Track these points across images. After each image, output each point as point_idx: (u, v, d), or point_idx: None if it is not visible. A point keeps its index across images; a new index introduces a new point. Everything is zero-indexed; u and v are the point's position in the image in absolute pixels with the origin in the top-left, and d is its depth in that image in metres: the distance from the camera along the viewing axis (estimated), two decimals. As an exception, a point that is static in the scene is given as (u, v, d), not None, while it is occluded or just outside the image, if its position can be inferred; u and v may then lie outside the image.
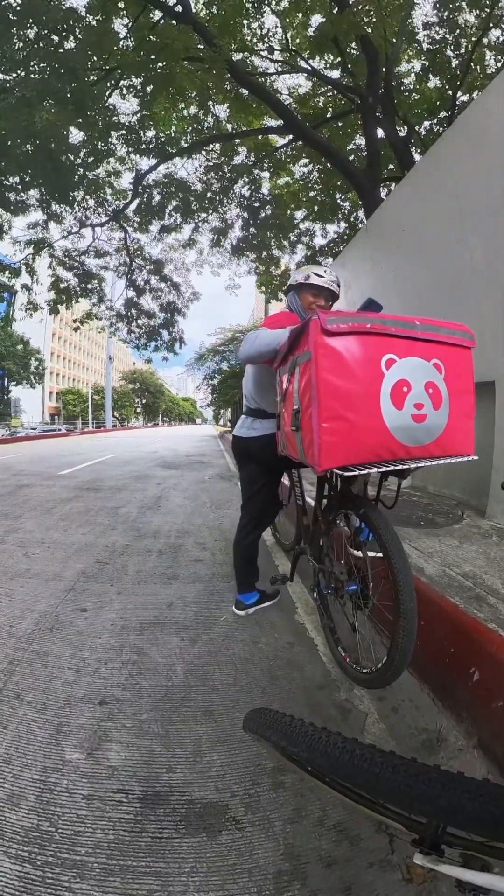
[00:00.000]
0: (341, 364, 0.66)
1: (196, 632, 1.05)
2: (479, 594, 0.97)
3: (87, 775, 0.64)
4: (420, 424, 0.70)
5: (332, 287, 1.01)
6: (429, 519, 1.65)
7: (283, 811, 0.57)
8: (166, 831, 0.55)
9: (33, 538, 1.91)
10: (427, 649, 0.84)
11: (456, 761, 0.66)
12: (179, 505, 2.68)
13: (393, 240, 2.43)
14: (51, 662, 0.93)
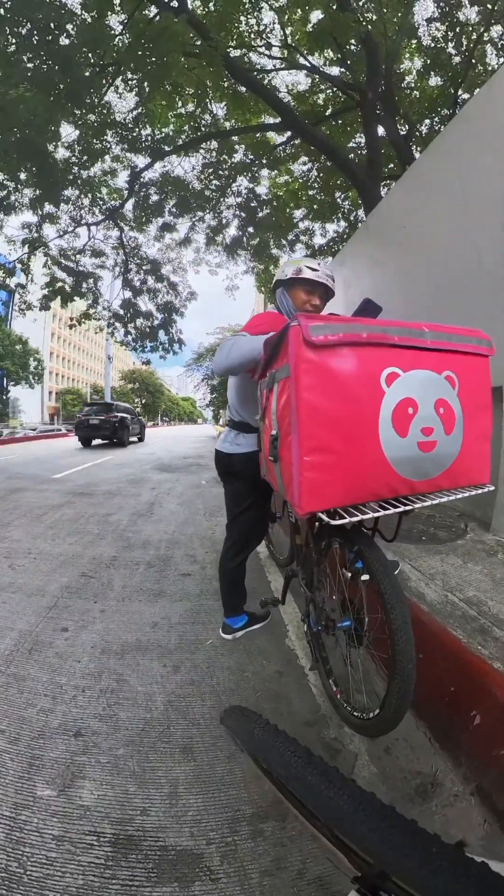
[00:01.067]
0: (329, 382, 0.53)
1: (179, 657, 1.00)
2: (483, 626, 0.88)
3: (58, 814, 0.60)
4: (428, 454, 0.58)
5: (327, 282, 0.88)
6: (430, 533, 1.56)
7: (261, 862, 0.53)
8: (137, 879, 0.51)
9: (20, 548, 1.86)
10: (426, 686, 0.77)
11: (451, 809, 0.61)
12: (172, 512, 2.63)
13: (394, 237, 2.35)
14: (27, 688, 0.89)
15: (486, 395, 0.67)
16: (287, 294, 0.90)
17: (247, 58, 5.81)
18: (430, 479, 0.61)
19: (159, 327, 6.71)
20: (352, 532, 0.72)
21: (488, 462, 0.68)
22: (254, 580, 1.45)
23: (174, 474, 4.39)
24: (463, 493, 0.66)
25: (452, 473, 0.62)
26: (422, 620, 0.88)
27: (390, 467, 0.56)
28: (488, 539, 1.50)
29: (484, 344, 0.67)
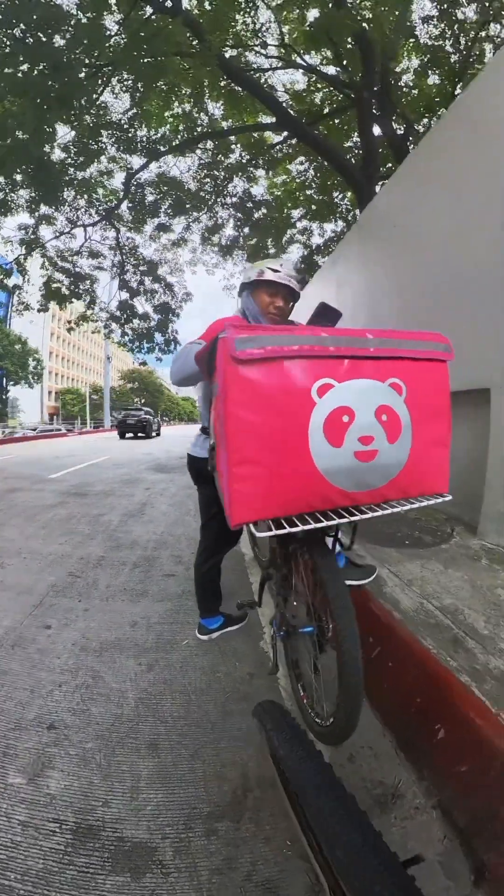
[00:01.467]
0: (256, 396, 0.52)
1: (155, 656, 1.03)
2: (456, 636, 0.87)
3: (25, 801, 0.63)
4: (368, 464, 0.55)
5: (289, 283, 0.86)
6: (415, 537, 1.54)
7: (212, 860, 0.56)
8: (93, 867, 0.54)
9: (12, 547, 1.90)
10: (395, 694, 0.79)
11: (411, 822, 0.61)
12: (164, 513, 2.67)
13: (385, 237, 2.35)
14: (7, 682, 0.92)
15: (443, 401, 0.64)
16: (251, 297, 0.90)
17: (243, 57, 5.80)
18: (373, 490, 0.58)
19: (156, 328, 6.74)
20: (307, 539, 0.73)
21: (446, 470, 0.65)
22: (235, 582, 1.48)
23: (169, 475, 4.43)
24: (419, 503, 0.63)
25: (401, 483, 0.60)
26: (393, 628, 0.88)
27: (323, 478, 0.55)
28: (473, 544, 1.46)
29: (440, 348, 0.63)
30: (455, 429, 2.03)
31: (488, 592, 1.07)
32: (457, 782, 0.61)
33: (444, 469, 0.65)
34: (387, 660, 0.86)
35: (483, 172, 1.51)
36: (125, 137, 5.40)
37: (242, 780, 0.68)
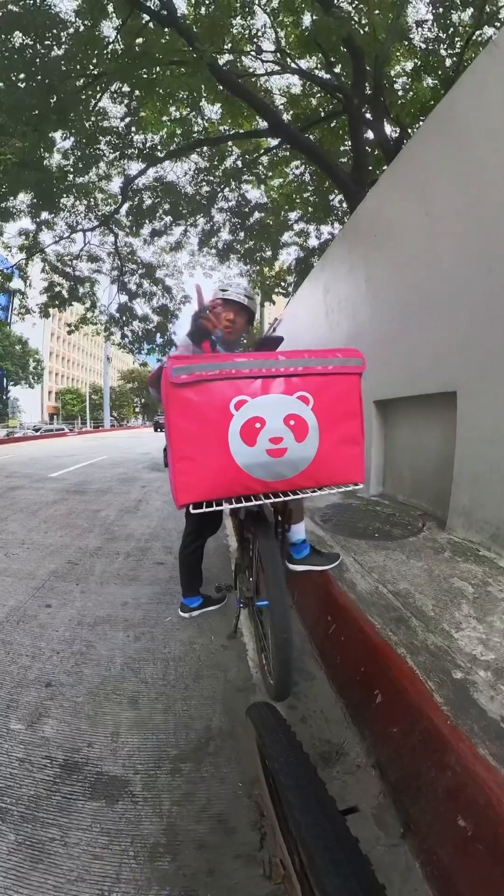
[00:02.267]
0: (189, 410, 0.69)
1: (141, 630, 1.17)
2: (402, 616, 0.95)
3: (24, 742, 0.76)
4: (279, 459, 0.71)
5: (238, 299, 1.00)
6: (385, 531, 1.63)
7: (174, 794, 0.67)
8: (75, 794, 0.67)
9: (15, 539, 2.04)
10: (345, 665, 0.90)
11: (351, 777, 0.70)
12: (157, 508, 2.80)
13: (366, 245, 2.44)
14: (13, 650, 1.06)
15: (354, 407, 0.78)
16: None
17: (239, 62, 5.88)
18: (286, 480, 0.73)
19: (156, 330, 6.87)
20: (254, 522, 0.88)
21: (359, 463, 0.79)
22: (220, 569, 1.62)
23: (164, 473, 4.51)
24: (335, 489, 0.78)
25: (311, 474, 0.74)
26: (347, 608, 0.99)
27: (242, 471, 0.71)
28: (441, 538, 1.50)
29: (353, 363, 0.77)
30: (426, 430, 2.17)
31: (443, 581, 1.12)
32: (390, 743, 0.69)
33: (356, 461, 0.78)
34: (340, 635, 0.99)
35: (451, 183, 1.58)
36: (123, 143, 5.52)
37: (206, 732, 0.80)
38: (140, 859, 0.57)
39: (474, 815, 0.52)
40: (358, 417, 0.79)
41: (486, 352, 1.39)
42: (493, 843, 0.49)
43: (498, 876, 0.47)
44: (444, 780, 0.58)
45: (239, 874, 0.55)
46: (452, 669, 0.76)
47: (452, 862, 0.53)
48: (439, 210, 1.66)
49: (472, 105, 1.43)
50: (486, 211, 1.35)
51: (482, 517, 1.41)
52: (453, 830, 0.54)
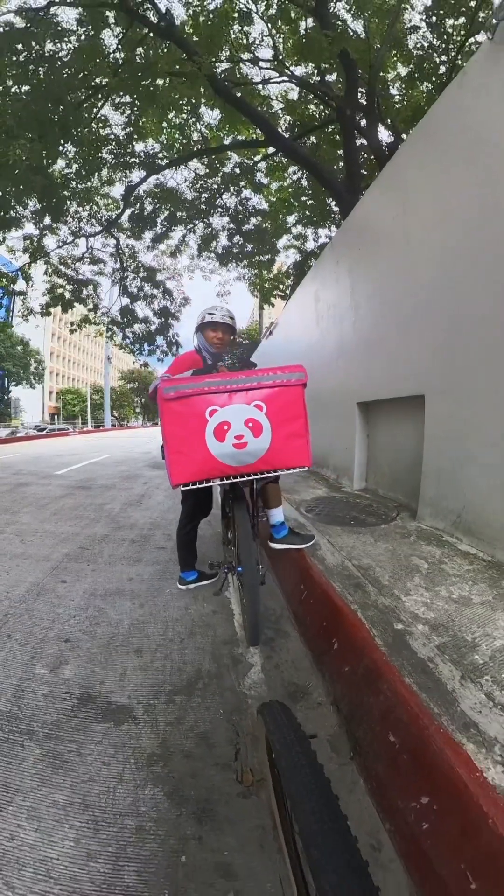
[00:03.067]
0: (177, 418, 0.97)
1: (145, 599, 1.37)
2: (360, 583, 1.11)
3: (48, 683, 0.96)
4: (242, 450, 0.97)
5: (224, 320, 1.28)
6: (360, 519, 1.77)
7: (167, 717, 0.85)
8: (90, 717, 0.86)
9: (29, 529, 2.24)
10: (311, 622, 1.08)
11: (313, 712, 0.85)
12: (159, 502, 3.00)
13: (352, 257, 2.57)
14: (35, 615, 1.26)
15: (298, 410, 1.03)
16: (201, 334, 1.31)
17: (238, 70, 6.03)
18: (249, 465, 1.00)
19: (157, 332, 7.05)
20: (234, 502, 1.12)
21: (305, 451, 1.05)
22: (214, 550, 1.81)
23: (165, 470, 4.76)
24: (284, 472, 1.05)
25: (268, 460, 1.01)
26: (315, 577, 1.18)
27: (216, 460, 0.98)
28: (410, 525, 1.65)
29: (295, 377, 1.02)
30: (402, 430, 2.40)
31: (403, 559, 1.28)
32: (342, 681, 0.85)
33: (302, 450, 1.03)
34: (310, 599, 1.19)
35: (425, 203, 1.71)
36: (124, 152, 5.69)
37: (196, 673, 1.00)
38: (139, 765, 0.73)
39: (400, 732, 0.66)
40: (302, 417, 1.03)
41: (449, 361, 1.58)
42: (413, 753, 0.63)
43: (419, 780, 0.59)
44: (379, 705, 0.74)
45: (216, 778, 0.71)
46: (395, 623, 0.94)
47: (385, 773, 0.66)
48: (415, 228, 1.81)
49: (448, 127, 1.51)
50: (452, 233, 1.52)
51: (446, 506, 1.58)
52: (386, 746, 0.67)
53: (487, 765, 0.56)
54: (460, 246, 1.47)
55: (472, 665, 0.78)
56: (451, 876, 0.50)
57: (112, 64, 4.96)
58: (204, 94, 5.33)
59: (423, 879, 0.54)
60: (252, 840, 0.60)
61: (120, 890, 0.54)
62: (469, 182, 1.40)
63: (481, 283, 1.35)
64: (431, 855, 0.53)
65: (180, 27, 5.18)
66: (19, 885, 0.54)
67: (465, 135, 1.40)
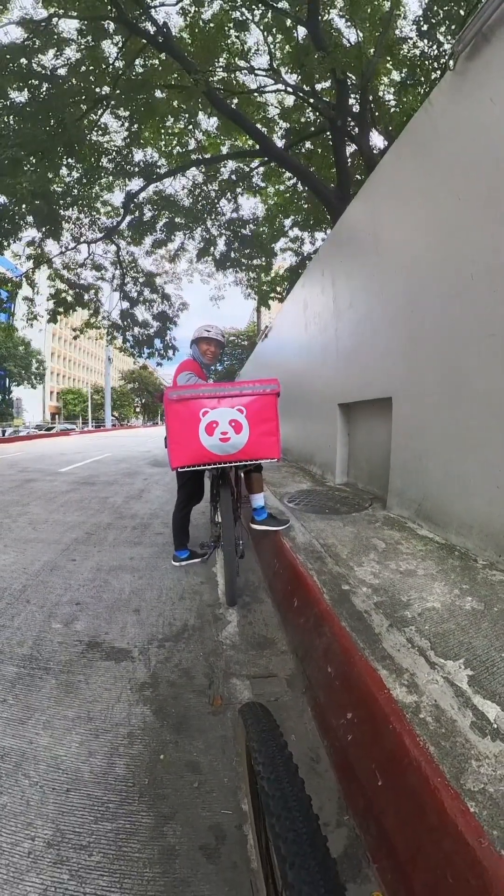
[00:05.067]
0: (177, 416, 1.25)
1: (143, 573, 1.61)
2: (321, 555, 1.31)
3: (62, 634, 1.19)
4: (226, 443, 1.26)
5: (217, 337, 1.57)
6: (335, 508, 1.99)
7: (158, 657, 1.08)
8: (96, 659, 1.08)
9: (39, 518, 2.48)
10: (280, 587, 1.30)
11: (276, 658, 1.04)
12: (158, 496, 3.24)
13: (334, 268, 2.75)
14: (49, 586, 1.49)
15: (272, 414, 1.30)
16: (196, 346, 1.58)
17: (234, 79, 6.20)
18: (231, 454, 1.28)
19: (155, 335, 7.27)
20: (220, 485, 1.36)
21: (275, 446, 1.32)
22: (203, 534, 2.04)
23: (164, 468, 4.99)
24: (258, 461, 1.33)
25: (246, 452, 1.29)
26: (285, 553, 1.39)
27: (206, 450, 1.27)
28: (379, 514, 1.82)
29: (270, 388, 1.30)
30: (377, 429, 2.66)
31: (365, 540, 1.46)
32: (299, 631, 1.05)
33: (273, 446, 1.29)
34: (279, 569, 1.41)
35: (392, 224, 1.88)
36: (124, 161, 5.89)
37: (183, 626, 1.22)
38: (133, 690, 0.94)
39: (335, 663, 0.83)
40: (274, 420, 1.30)
41: (409, 367, 1.79)
42: (343, 679, 0.77)
43: (345, 700, 0.73)
44: (322, 645, 0.94)
45: (193, 701, 0.91)
46: (343, 585, 1.15)
47: (325, 698, 0.81)
48: (385, 243, 2.00)
49: (415, 151, 1.63)
50: (416, 250, 1.69)
51: (409, 496, 1.79)
52: (325, 676, 0.84)
53: (395, 686, 0.71)
54: (420, 263, 1.66)
55: (401, 618, 0.95)
56: (365, 776, 0.60)
57: (112, 74, 5.13)
58: (201, 104, 5.52)
59: (347, 782, 0.65)
60: (216, 746, 0.78)
61: (112, 778, 0.70)
62: (430, 201, 1.58)
63: (436, 298, 1.55)
64: (353, 760, 0.65)
65: (178, 35, 5.33)
66: (34, 775, 0.70)
67: (430, 159, 1.57)
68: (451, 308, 1.45)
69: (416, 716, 0.64)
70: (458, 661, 0.80)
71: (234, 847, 0.60)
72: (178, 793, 0.69)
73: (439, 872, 0.46)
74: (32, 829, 0.62)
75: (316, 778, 0.71)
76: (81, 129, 4.83)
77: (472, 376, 1.35)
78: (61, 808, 0.66)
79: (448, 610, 0.99)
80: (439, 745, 0.59)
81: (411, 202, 1.74)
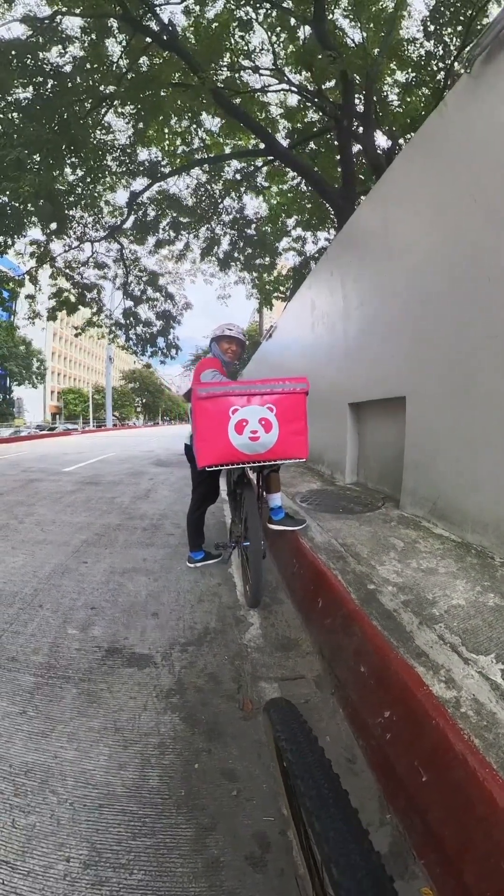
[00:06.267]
0: (206, 413, 1.21)
1: (158, 575, 1.58)
2: (342, 554, 1.31)
3: (78, 639, 1.16)
4: (255, 442, 1.22)
5: (239, 336, 1.55)
6: (349, 508, 1.99)
7: (182, 662, 1.05)
8: (118, 665, 1.04)
9: (46, 519, 2.45)
10: (302, 588, 1.28)
11: (301, 660, 1.04)
12: (165, 496, 3.21)
13: (343, 268, 2.74)
14: (62, 589, 1.47)
15: (300, 413, 1.27)
16: (217, 344, 1.56)
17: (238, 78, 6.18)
18: (259, 454, 1.25)
19: (158, 334, 7.24)
20: (243, 485, 1.35)
21: (304, 446, 1.28)
22: (217, 535, 2.02)
23: (169, 468, 4.97)
24: (287, 461, 1.28)
25: (274, 451, 1.26)
26: (305, 552, 1.38)
27: (235, 448, 1.22)
28: (393, 513, 1.82)
29: (300, 386, 1.27)
30: (388, 428, 2.65)
31: (382, 539, 1.46)
32: (325, 632, 1.04)
33: (301, 445, 1.27)
34: (300, 570, 1.39)
35: (405, 220, 1.87)
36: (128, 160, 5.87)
37: (205, 630, 1.20)
38: (159, 697, 0.92)
39: (368, 663, 0.83)
40: (303, 419, 1.27)
41: (422, 366, 1.78)
42: (378, 678, 0.77)
43: (382, 699, 0.72)
44: (353, 645, 0.94)
45: (223, 706, 0.89)
46: (368, 584, 1.14)
47: (358, 698, 0.81)
48: (396, 243, 1.99)
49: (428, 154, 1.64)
50: (426, 250, 1.70)
51: (423, 495, 1.78)
52: (358, 676, 0.84)
53: (433, 682, 0.71)
54: (433, 264, 1.66)
55: (429, 615, 0.96)
56: (406, 773, 0.60)
57: (116, 72, 5.11)
58: (205, 103, 5.50)
59: (387, 780, 0.65)
60: (251, 751, 0.76)
61: (146, 791, 0.68)
62: (441, 204, 1.58)
63: (448, 299, 1.54)
64: (392, 758, 0.64)
65: (182, 34, 5.31)
66: (62, 791, 0.67)
67: (444, 161, 1.57)
68: (464, 309, 1.45)
69: (457, 710, 0.64)
70: (490, 655, 0.80)
71: (279, 854, 0.59)
72: (216, 802, 0.67)
73: (492, 862, 0.45)
74: (66, 849, 0.59)
75: (353, 778, 0.70)
76: (86, 127, 4.81)
77: (484, 376, 1.35)
78: (95, 825, 0.63)
79: (473, 606, 0.99)
80: (483, 737, 0.59)
81: (423, 203, 1.73)
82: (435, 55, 5.96)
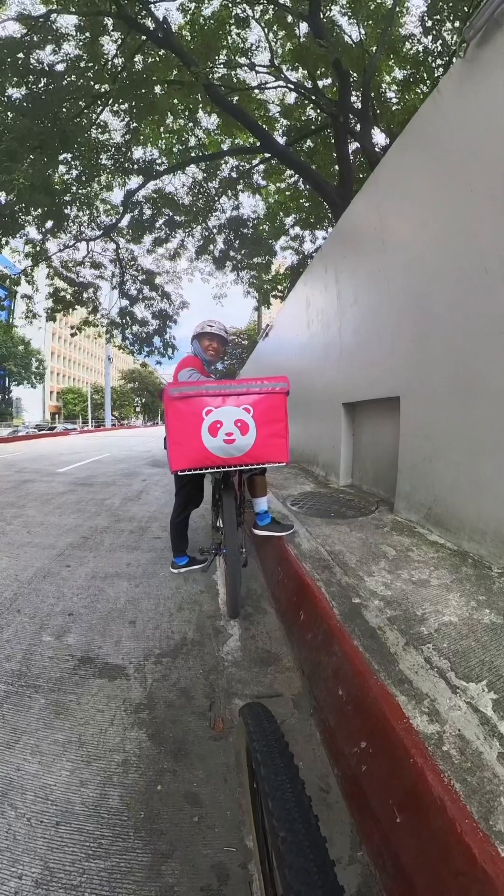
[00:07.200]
0: (178, 414, 1.15)
1: (140, 580, 1.53)
2: (329, 564, 1.23)
3: (53, 647, 1.11)
4: (230, 445, 1.16)
5: (220, 333, 1.47)
6: (341, 512, 1.87)
7: (154, 675, 1.00)
8: (89, 674, 1.00)
9: (34, 521, 2.41)
10: (285, 598, 1.22)
11: (281, 675, 0.97)
12: (157, 498, 3.16)
13: (338, 266, 2.69)
14: (42, 594, 1.42)
15: (280, 414, 1.21)
16: (198, 342, 1.49)
17: (234, 76, 6.13)
18: (236, 458, 1.19)
19: (155, 333, 7.20)
20: (223, 489, 1.27)
21: (284, 449, 1.23)
22: (203, 539, 1.97)
23: (163, 469, 4.91)
24: (266, 465, 1.23)
25: (252, 455, 1.20)
26: (290, 560, 1.32)
27: (209, 452, 1.17)
28: (386, 518, 1.74)
29: (279, 386, 1.20)
30: (383, 429, 2.57)
31: (373, 546, 1.38)
32: (306, 647, 0.97)
33: (281, 448, 1.20)
34: (285, 579, 1.33)
35: (399, 218, 1.82)
36: (123, 158, 5.82)
37: (182, 640, 1.15)
38: (128, 711, 0.87)
39: (346, 686, 0.76)
40: (283, 421, 1.21)
41: (419, 366, 1.72)
42: (356, 704, 0.72)
43: (359, 728, 0.67)
44: (332, 664, 0.87)
45: (192, 724, 0.83)
46: (353, 598, 1.07)
47: (335, 722, 0.75)
48: (391, 241, 1.94)
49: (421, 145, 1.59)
50: (420, 249, 1.65)
51: (418, 500, 1.72)
52: (336, 699, 0.77)
53: (414, 714, 0.64)
54: (429, 257, 1.60)
55: (417, 635, 0.88)
56: (381, 811, 0.56)
57: (111, 70, 5.07)
58: (201, 101, 5.45)
59: (360, 815, 0.61)
60: (218, 774, 0.72)
61: (104, 810, 0.64)
62: (438, 194, 1.52)
63: (446, 293, 1.48)
64: (367, 793, 0.60)
65: (178, 32, 5.27)
66: (21, 806, 0.65)
67: (439, 150, 1.50)
68: (462, 304, 1.38)
69: (438, 748, 0.58)
70: (481, 682, 0.73)
71: (237, 887, 0.54)
72: (176, 828, 0.63)
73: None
74: (19, 865, 0.56)
75: (326, 810, 0.65)
76: (80, 126, 4.77)
77: (485, 375, 1.28)
78: (50, 843, 0.60)
79: (466, 624, 0.92)
80: (465, 781, 0.53)
81: (419, 194, 1.67)
82: (433, 51, 5.90)
